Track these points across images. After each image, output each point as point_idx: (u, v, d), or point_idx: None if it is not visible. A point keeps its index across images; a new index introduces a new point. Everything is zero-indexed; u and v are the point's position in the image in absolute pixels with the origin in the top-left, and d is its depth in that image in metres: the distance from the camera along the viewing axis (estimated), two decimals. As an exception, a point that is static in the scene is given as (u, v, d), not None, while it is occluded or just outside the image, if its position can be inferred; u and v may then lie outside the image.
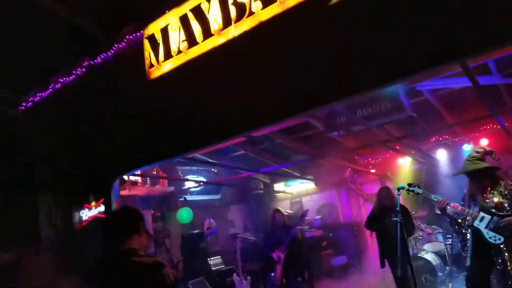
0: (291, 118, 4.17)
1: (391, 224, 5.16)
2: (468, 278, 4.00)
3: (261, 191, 10.95)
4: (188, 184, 9.51)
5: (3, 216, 5.39)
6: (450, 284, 5.96)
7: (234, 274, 6.71)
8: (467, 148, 7.15)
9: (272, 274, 5.70)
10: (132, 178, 8.09)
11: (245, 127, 4.15)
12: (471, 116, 6.03)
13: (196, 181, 9.31)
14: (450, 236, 6.23)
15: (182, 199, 8.97)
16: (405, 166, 8.37)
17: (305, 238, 8.63)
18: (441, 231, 6.45)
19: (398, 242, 3.80)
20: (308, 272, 8.45)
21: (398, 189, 4.09)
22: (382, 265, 5.24)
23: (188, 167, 9.82)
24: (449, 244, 6.27)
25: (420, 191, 4.17)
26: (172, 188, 8.83)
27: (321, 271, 8.27)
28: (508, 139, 6.74)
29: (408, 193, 4.22)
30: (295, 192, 11.04)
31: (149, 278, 1.80)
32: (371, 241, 5.93)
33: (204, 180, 9.56)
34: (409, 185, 4.22)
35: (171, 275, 1.87)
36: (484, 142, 6.91)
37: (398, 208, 3.94)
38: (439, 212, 4.18)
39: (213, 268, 7.50)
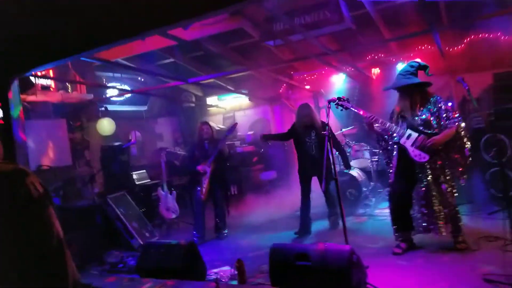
0: (220, 9, 3.60)
1: (311, 142, 5.10)
2: (391, 194, 4.08)
3: (193, 104, 10.43)
4: (110, 93, 8.66)
5: None
6: (373, 199, 6.26)
7: (159, 188, 6.44)
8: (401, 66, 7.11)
9: (199, 188, 5.49)
10: (43, 82, 7.08)
11: (164, 20, 3.50)
12: (408, 32, 5.87)
13: (119, 89, 8.47)
14: (376, 152, 6.39)
15: (103, 108, 8.19)
16: (339, 83, 8.32)
17: (233, 153, 8.55)
18: (368, 148, 6.60)
19: (324, 156, 3.66)
20: (237, 186, 8.56)
21: (329, 102, 3.87)
22: (302, 182, 5.27)
23: (111, 74, 8.88)
24: (375, 161, 6.48)
25: (349, 105, 4.02)
26: (91, 96, 7.89)
27: (250, 186, 8.37)
28: (441, 61, 6.77)
29: (337, 107, 4.03)
30: (229, 107, 10.70)
31: (9, 190, 1.33)
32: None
33: (129, 89, 8.74)
34: (339, 98, 4.05)
35: (38, 185, 1.41)
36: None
37: (327, 121, 3.73)
38: (367, 128, 4.11)
39: (137, 183, 7.07)
